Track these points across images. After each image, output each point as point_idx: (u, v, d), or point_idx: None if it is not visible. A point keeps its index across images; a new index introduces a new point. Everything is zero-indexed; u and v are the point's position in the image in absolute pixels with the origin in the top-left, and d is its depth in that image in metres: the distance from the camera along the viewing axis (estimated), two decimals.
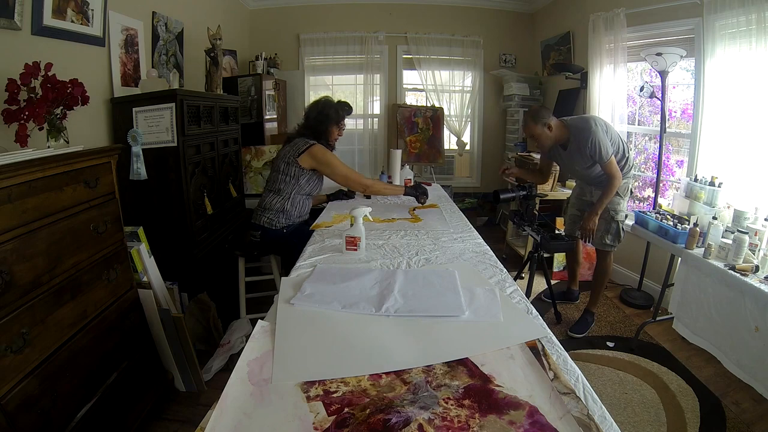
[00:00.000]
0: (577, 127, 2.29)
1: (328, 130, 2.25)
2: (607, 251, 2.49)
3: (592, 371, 2.12)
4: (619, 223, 2.42)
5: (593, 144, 2.20)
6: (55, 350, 1.29)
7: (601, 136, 2.21)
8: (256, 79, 3.62)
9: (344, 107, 2.32)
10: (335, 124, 2.27)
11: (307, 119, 2.27)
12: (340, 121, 2.30)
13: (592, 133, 2.20)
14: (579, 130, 2.26)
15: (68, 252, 1.37)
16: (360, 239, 1.60)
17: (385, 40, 4.48)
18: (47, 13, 1.74)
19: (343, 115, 2.31)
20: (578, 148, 2.28)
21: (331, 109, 2.24)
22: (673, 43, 2.66)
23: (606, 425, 0.73)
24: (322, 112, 2.23)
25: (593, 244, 2.54)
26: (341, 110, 2.29)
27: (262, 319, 1.10)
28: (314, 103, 2.31)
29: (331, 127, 2.26)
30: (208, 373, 2.05)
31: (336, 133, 2.32)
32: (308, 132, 2.24)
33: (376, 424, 0.73)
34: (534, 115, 2.31)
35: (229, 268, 2.65)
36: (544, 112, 2.31)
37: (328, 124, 2.24)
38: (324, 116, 2.23)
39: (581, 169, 2.40)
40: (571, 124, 2.32)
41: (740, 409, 1.83)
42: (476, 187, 4.90)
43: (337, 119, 2.27)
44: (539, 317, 1.13)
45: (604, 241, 2.46)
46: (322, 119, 2.23)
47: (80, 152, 1.44)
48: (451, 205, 2.56)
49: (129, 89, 2.30)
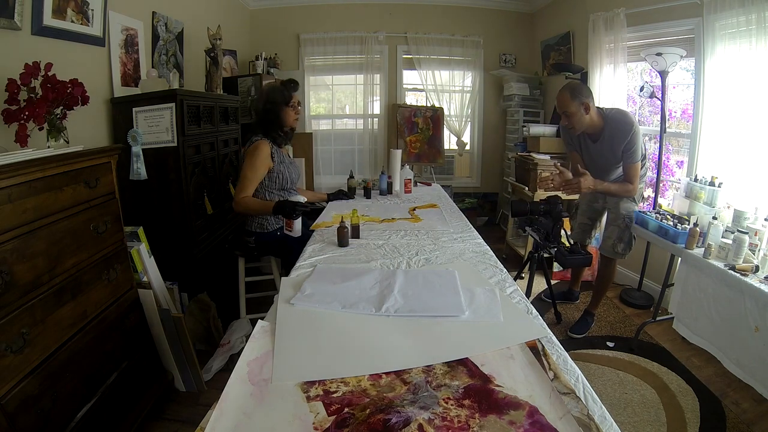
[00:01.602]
0: (616, 119, 2.08)
1: (280, 117, 2.13)
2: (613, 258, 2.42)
3: (592, 371, 2.12)
4: (632, 232, 2.34)
5: (631, 140, 2.02)
6: (55, 350, 1.29)
7: (639, 136, 2.06)
8: (256, 79, 3.61)
9: (289, 85, 2.16)
10: (286, 106, 2.13)
11: (257, 113, 2.18)
12: (290, 101, 2.14)
13: (634, 128, 2.02)
14: (618, 123, 2.06)
15: (68, 252, 1.37)
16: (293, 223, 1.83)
17: (385, 40, 4.48)
18: (47, 13, 1.74)
19: (290, 94, 2.14)
20: (612, 142, 2.07)
21: (275, 93, 2.12)
22: (673, 43, 2.66)
23: (606, 425, 0.73)
24: (269, 100, 2.12)
25: (602, 251, 2.45)
26: (286, 89, 2.13)
27: (262, 319, 1.10)
28: (258, 94, 2.20)
29: (283, 111, 2.13)
30: (208, 373, 2.05)
31: (293, 115, 2.17)
32: (259, 127, 2.15)
33: (376, 424, 0.73)
34: (572, 89, 2.06)
35: (229, 268, 2.65)
36: (584, 90, 2.07)
37: (277, 110, 2.12)
38: (271, 103, 2.11)
39: (605, 168, 2.21)
40: (608, 114, 2.11)
41: (740, 409, 1.83)
42: (476, 187, 4.90)
43: (285, 100, 2.12)
44: (539, 317, 1.13)
45: (615, 249, 2.37)
46: (270, 107, 2.11)
47: (80, 152, 1.44)
48: (451, 205, 2.56)
49: (129, 89, 2.30)
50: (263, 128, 2.15)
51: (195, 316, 2.26)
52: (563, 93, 2.09)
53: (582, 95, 2.06)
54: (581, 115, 2.05)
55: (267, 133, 2.14)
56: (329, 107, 4.87)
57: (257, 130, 2.15)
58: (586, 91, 2.08)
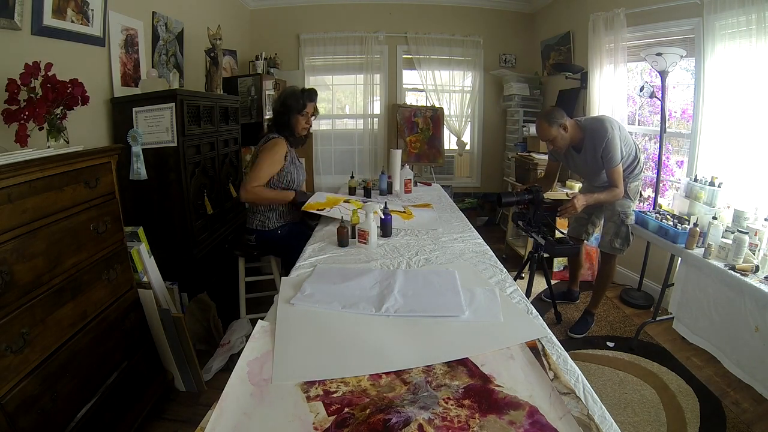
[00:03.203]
0: (592, 128, 2.23)
1: (290, 122, 2.15)
2: (612, 254, 2.47)
3: (592, 371, 2.12)
4: (628, 227, 2.39)
5: (607, 147, 2.16)
6: (55, 350, 1.29)
7: (615, 141, 2.17)
8: (256, 79, 3.62)
9: (306, 93, 2.17)
10: (297, 114, 2.14)
11: (273, 113, 2.23)
12: (303, 109, 2.15)
13: (608, 134, 2.16)
14: (594, 132, 2.21)
15: (68, 252, 1.37)
16: (369, 233, 1.65)
17: (385, 40, 4.48)
18: (47, 13, 1.74)
19: (305, 103, 2.15)
20: (593, 150, 2.23)
21: (291, 99, 2.14)
22: (673, 43, 2.66)
23: (606, 425, 0.73)
24: (284, 104, 2.15)
25: (601, 247, 2.51)
26: (303, 98, 2.14)
27: (262, 319, 1.10)
28: (279, 94, 2.25)
29: (294, 118, 2.14)
30: (208, 373, 2.05)
31: (302, 123, 2.19)
32: (274, 127, 2.20)
33: (376, 424, 0.73)
34: (548, 117, 2.24)
35: (229, 268, 2.65)
36: (558, 113, 2.24)
37: (289, 115, 2.14)
38: (285, 107, 2.14)
39: (594, 172, 2.35)
40: (585, 125, 2.27)
41: (740, 409, 1.83)
42: (476, 187, 4.90)
43: (299, 108, 2.13)
44: (539, 317, 1.13)
45: (613, 245, 2.41)
46: (283, 111, 2.15)
47: (80, 152, 1.44)
48: (451, 205, 2.56)
49: (129, 89, 2.29)
50: (277, 128, 2.19)
51: (195, 316, 2.26)
52: (541, 123, 2.26)
53: (557, 118, 2.22)
54: (562, 135, 2.25)
55: (281, 134, 2.17)
56: (329, 107, 4.87)
57: (272, 129, 2.20)
58: (559, 113, 2.24)
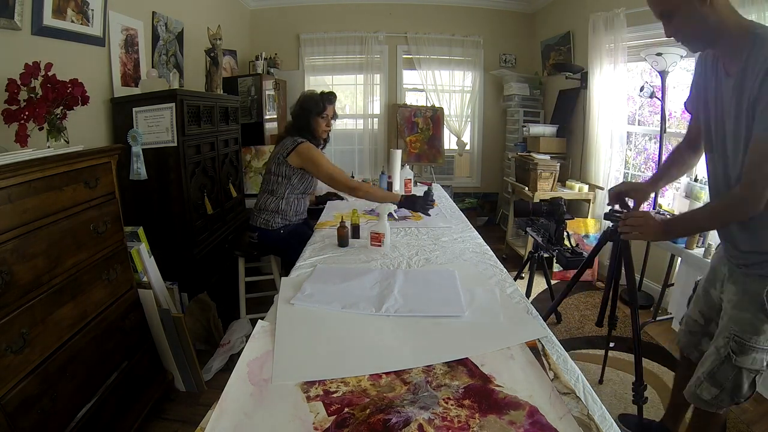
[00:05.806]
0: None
1: (310, 125, 2.15)
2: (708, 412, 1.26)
3: (592, 371, 2.12)
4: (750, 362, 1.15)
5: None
6: (55, 350, 1.29)
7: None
8: (256, 79, 3.62)
9: (325, 96, 2.18)
10: (318, 116, 2.15)
11: (292, 116, 2.23)
12: (323, 112, 2.16)
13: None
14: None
15: (68, 252, 1.37)
16: (384, 235, 1.64)
17: (385, 40, 4.48)
18: (47, 13, 1.74)
19: (325, 105, 2.16)
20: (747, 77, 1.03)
21: (310, 102, 2.15)
22: (673, 43, 2.64)
23: (606, 425, 0.73)
24: (303, 107, 2.15)
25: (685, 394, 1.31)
26: (322, 101, 2.15)
27: (262, 319, 1.10)
28: (298, 98, 2.23)
29: (314, 121, 2.15)
30: (208, 373, 2.05)
31: (323, 126, 2.19)
32: (294, 130, 2.17)
33: (376, 424, 0.73)
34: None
35: (229, 268, 2.65)
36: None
37: (309, 118, 2.14)
38: (305, 111, 2.14)
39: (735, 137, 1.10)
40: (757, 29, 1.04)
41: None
42: (476, 187, 4.90)
43: (319, 111, 2.14)
44: (539, 317, 1.13)
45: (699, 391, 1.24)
46: (303, 114, 2.15)
47: (80, 152, 1.44)
48: (451, 205, 2.56)
49: (129, 89, 2.30)
50: (297, 131, 2.17)
51: (195, 316, 2.26)
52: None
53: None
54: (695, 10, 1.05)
55: (303, 137, 2.14)
56: None
57: (293, 133, 2.17)
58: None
